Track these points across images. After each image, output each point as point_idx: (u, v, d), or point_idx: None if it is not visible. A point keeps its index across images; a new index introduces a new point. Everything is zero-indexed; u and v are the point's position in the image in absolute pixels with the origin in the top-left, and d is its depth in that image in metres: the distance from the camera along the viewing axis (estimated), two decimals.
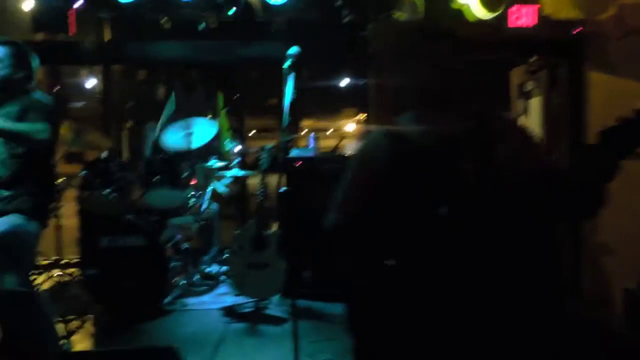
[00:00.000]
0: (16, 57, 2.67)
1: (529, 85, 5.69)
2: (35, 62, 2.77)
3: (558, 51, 4.90)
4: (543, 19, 4.59)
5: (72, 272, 4.31)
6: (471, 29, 4.82)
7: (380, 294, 1.56)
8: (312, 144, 4.68)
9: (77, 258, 4.15)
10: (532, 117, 5.54)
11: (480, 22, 4.74)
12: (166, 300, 3.93)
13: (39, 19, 5.17)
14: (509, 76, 6.26)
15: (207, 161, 4.65)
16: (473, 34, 4.71)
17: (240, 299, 3.82)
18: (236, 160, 4.95)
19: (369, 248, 1.63)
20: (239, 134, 5.63)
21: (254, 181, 4.32)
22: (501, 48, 5.19)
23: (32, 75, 2.75)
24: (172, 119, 4.92)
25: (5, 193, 2.57)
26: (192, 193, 4.40)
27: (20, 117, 2.60)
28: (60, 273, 4.38)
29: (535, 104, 5.34)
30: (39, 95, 2.77)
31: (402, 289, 1.51)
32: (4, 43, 2.67)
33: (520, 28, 4.65)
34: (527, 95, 5.77)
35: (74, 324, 3.42)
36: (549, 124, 5.02)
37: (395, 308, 1.52)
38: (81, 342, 3.14)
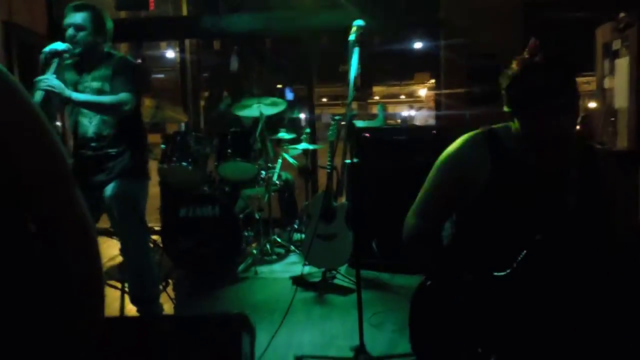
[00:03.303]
0: (95, 21, 2.79)
1: (616, 45, 5.28)
2: (109, 23, 2.88)
3: None
4: None
5: (156, 238, 4.61)
6: None
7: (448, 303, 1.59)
8: (380, 115, 4.65)
9: (158, 226, 4.44)
10: (618, 79, 5.16)
11: None
12: (240, 268, 4.14)
13: None
14: (594, 35, 5.83)
15: (277, 133, 4.76)
16: None
17: (309, 269, 3.95)
18: (306, 131, 5.02)
19: (448, 258, 1.64)
20: (309, 104, 5.67)
21: (323, 152, 4.36)
22: (585, 3, 4.84)
23: (109, 38, 2.90)
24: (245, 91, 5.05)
25: (113, 151, 2.87)
26: (263, 164, 4.53)
27: (111, 80, 2.81)
28: None
29: (623, 64, 4.95)
30: (126, 58, 2.93)
31: (474, 302, 1.53)
32: (83, 8, 2.77)
33: None
34: (613, 55, 5.36)
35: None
36: (638, 87, 4.66)
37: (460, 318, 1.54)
38: (163, 304, 3.38)
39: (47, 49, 2.61)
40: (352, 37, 2.95)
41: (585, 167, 1.55)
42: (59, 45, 2.64)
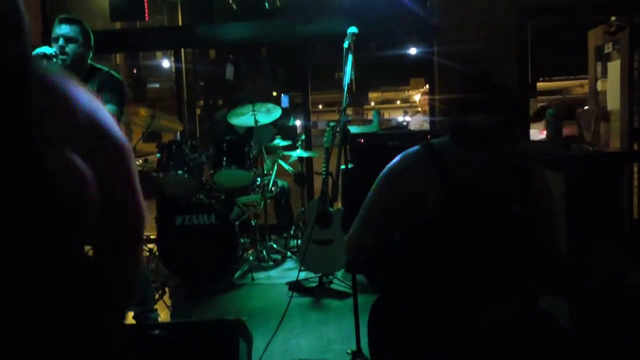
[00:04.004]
0: (84, 34, 2.85)
1: (608, 48, 5.33)
2: (91, 36, 2.92)
3: None
4: None
5: (152, 247, 4.61)
6: None
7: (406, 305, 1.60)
8: (375, 120, 4.68)
9: (154, 234, 4.44)
10: (611, 82, 5.20)
11: None
12: (236, 275, 4.14)
13: (116, 7, 5.47)
14: (586, 38, 5.88)
15: (272, 140, 4.77)
16: None
17: (305, 274, 3.96)
18: (301, 138, 5.05)
19: (399, 268, 1.66)
20: (304, 111, 5.69)
21: (319, 159, 4.38)
22: (577, 6, 4.88)
23: (92, 51, 2.94)
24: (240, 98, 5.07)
25: None
26: (259, 172, 4.54)
27: (97, 94, 2.83)
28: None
29: (614, 67, 5.00)
30: (112, 73, 2.97)
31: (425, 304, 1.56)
32: (73, 21, 2.82)
33: None
34: (606, 58, 5.41)
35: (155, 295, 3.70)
36: (630, 90, 4.70)
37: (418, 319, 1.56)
38: (159, 313, 3.39)
39: (36, 51, 2.62)
40: (346, 43, 2.99)
41: (519, 175, 1.59)
42: (47, 49, 2.66)
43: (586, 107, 5.98)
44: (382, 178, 1.64)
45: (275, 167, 4.83)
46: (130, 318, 3.17)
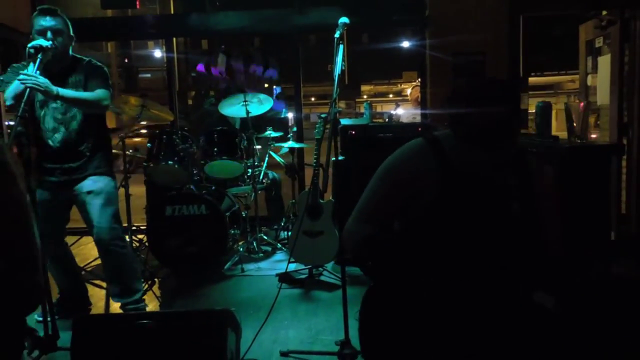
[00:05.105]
0: (68, 25, 2.90)
1: (599, 42, 5.34)
2: (71, 28, 2.96)
3: (631, 3, 4.56)
4: None
5: (142, 237, 4.60)
6: None
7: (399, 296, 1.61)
8: (366, 113, 4.67)
9: (144, 225, 4.43)
10: (601, 77, 5.22)
11: None
12: (226, 266, 4.14)
13: None
14: (577, 32, 5.90)
15: (264, 131, 4.76)
16: None
17: (295, 266, 3.96)
18: (293, 130, 5.03)
19: (396, 260, 1.66)
20: (296, 103, 5.68)
21: (310, 150, 4.37)
22: (569, 0, 4.89)
23: (74, 41, 2.98)
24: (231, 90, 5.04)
25: (84, 150, 2.96)
26: (249, 163, 4.53)
27: (84, 85, 2.91)
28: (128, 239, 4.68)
29: (605, 62, 5.02)
30: (93, 62, 3.01)
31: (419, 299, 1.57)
32: (56, 13, 2.84)
33: None
34: (596, 53, 5.43)
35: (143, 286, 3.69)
36: (620, 84, 4.72)
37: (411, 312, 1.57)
38: (148, 303, 3.38)
39: (32, 43, 2.63)
40: (337, 34, 2.97)
41: (519, 169, 1.61)
42: (44, 42, 2.66)
43: (576, 100, 6.01)
44: (383, 168, 1.64)
45: (267, 159, 4.82)
46: (117, 309, 3.17)
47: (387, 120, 5.07)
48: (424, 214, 1.56)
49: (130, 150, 4.46)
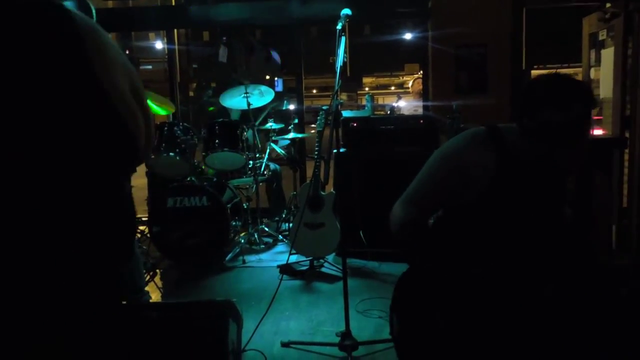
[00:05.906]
0: (83, 11, 2.75)
1: (602, 35, 5.31)
2: (94, 12, 2.85)
3: None
4: None
5: (143, 229, 4.60)
6: None
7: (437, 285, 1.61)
8: (368, 105, 4.66)
9: (146, 216, 4.43)
10: (604, 70, 5.19)
11: None
12: (227, 257, 4.15)
13: None
14: (581, 25, 5.86)
15: (265, 123, 4.75)
16: None
17: (297, 257, 3.97)
18: (295, 121, 5.03)
19: (439, 248, 1.65)
20: (298, 95, 5.66)
21: (311, 143, 4.37)
22: None
23: None
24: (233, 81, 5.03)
25: None
26: (251, 155, 4.53)
27: None
28: None
29: (608, 55, 4.99)
30: None
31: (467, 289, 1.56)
32: None
33: None
34: (600, 46, 5.40)
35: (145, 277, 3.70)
36: (624, 78, 4.69)
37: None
38: (150, 294, 3.40)
39: None
40: (339, 25, 2.96)
41: (581, 178, 1.57)
42: None
43: None
44: (441, 153, 1.63)
45: (268, 151, 4.82)
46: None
47: (388, 112, 5.07)
48: (474, 202, 1.56)
49: None
